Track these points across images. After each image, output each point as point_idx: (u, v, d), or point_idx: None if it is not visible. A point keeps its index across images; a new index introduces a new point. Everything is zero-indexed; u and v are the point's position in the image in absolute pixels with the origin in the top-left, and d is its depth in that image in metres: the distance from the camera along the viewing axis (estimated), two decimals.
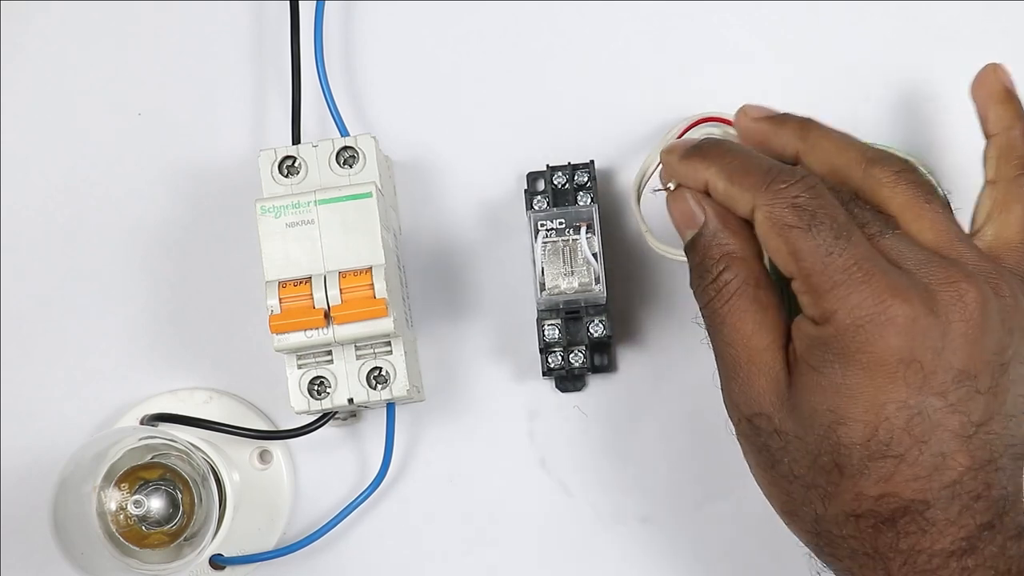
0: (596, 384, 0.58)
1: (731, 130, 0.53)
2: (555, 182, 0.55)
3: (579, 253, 0.52)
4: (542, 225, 0.53)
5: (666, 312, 0.58)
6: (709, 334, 0.47)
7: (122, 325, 0.59)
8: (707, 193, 0.47)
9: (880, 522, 0.43)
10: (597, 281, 0.52)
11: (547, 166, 0.56)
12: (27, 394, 0.59)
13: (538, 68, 0.59)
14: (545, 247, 0.52)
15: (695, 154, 0.48)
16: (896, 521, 0.42)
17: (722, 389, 0.47)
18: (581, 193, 0.55)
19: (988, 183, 0.49)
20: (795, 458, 0.44)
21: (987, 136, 0.50)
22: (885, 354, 0.42)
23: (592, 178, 0.55)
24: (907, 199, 0.46)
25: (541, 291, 0.53)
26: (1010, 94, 0.50)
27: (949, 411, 0.42)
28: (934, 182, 0.48)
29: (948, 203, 0.48)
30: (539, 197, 0.55)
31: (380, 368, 0.52)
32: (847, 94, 0.59)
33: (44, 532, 0.51)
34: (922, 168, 0.49)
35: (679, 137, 0.57)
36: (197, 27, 0.60)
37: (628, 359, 0.58)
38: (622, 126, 0.59)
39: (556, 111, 0.59)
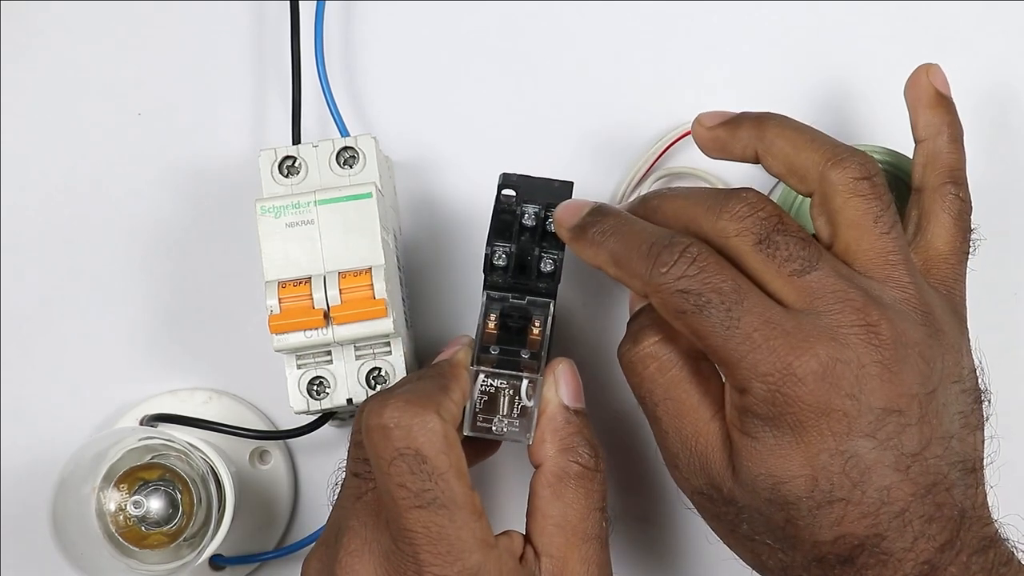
0: (596, 385, 0.58)
1: None
2: (524, 221, 0.49)
3: (518, 401, 0.48)
4: (481, 373, 0.48)
5: None
6: (645, 410, 0.48)
7: (122, 325, 0.59)
8: None
9: (841, 562, 0.43)
10: (528, 434, 0.48)
11: (516, 197, 0.50)
12: (27, 394, 0.59)
13: (538, 68, 0.59)
14: (483, 392, 0.48)
15: (581, 237, 0.47)
16: (855, 559, 0.43)
17: (667, 466, 0.48)
18: (547, 256, 0.49)
19: (914, 191, 0.49)
20: (750, 521, 0.45)
21: (916, 142, 0.50)
22: (804, 412, 0.43)
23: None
24: (854, 216, 0.45)
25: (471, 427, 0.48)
26: (941, 98, 0.50)
27: (881, 448, 0.43)
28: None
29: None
30: (499, 251, 0.49)
31: (379, 368, 0.52)
32: (845, 96, 0.59)
33: (44, 532, 0.51)
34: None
35: (669, 147, 0.58)
36: (197, 27, 0.60)
37: None
38: (622, 125, 0.59)
39: (556, 111, 0.59)
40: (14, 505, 0.58)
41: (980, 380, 0.46)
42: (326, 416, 0.55)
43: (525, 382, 0.47)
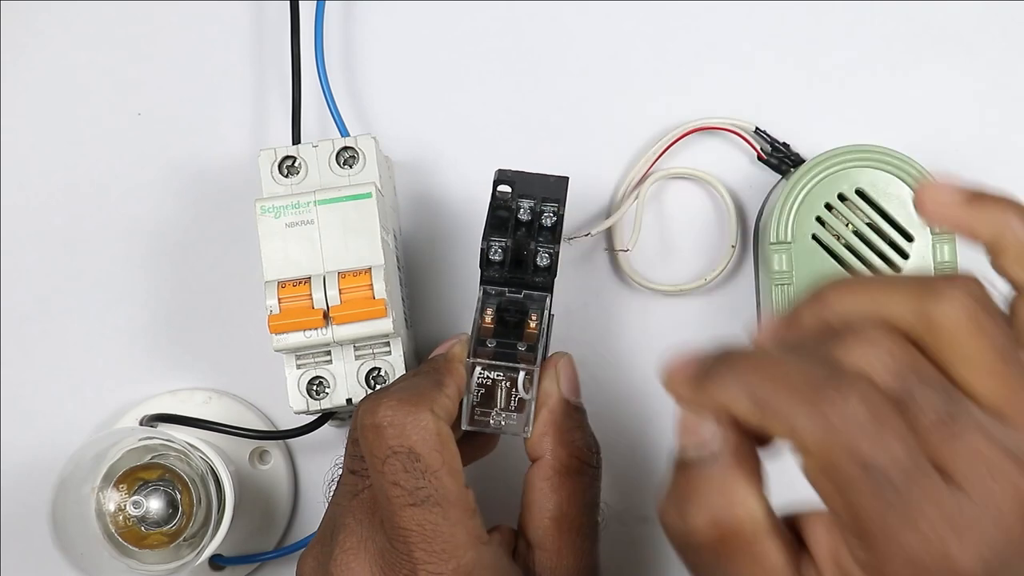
0: (596, 385, 0.58)
1: (731, 137, 0.53)
2: (520, 216, 0.49)
3: (515, 394, 0.48)
4: (478, 365, 0.47)
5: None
6: None
7: (122, 325, 0.59)
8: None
9: None
10: (526, 427, 0.47)
11: (512, 192, 0.49)
12: (27, 394, 0.59)
13: (538, 68, 0.59)
14: (479, 385, 0.47)
15: (704, 382, 0.37)
16: None
17: None
18: (543, 251, 0.48)
19: (1017, 292, 0.39)
20: None
21: (987, 243, 0.39)
22: None
23: (559, 219, 0.49)
24: (986, 361, 0.36)
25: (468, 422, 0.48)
26: (973, 196, 0.39)
27: None
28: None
29: (944, 240, 0.44)
30: (495, 245, 0.48)
31: (379, 368, 0.52)
32: (845, 96, 0.59)
33: (43, 532, 0.51)
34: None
35: (668, 148, 0.57)
36: (197, 27, 0.60)
37: (630, 357, 0.58)
38: (622, 126, 0.59)
39: (556, 111, 0.59)
40: (14, 505, 0.58)
41: None
42: (326, 416, 0.55)
43: (522, 374, 0.47)
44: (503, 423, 0.47)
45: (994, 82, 0.59)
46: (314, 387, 0.52)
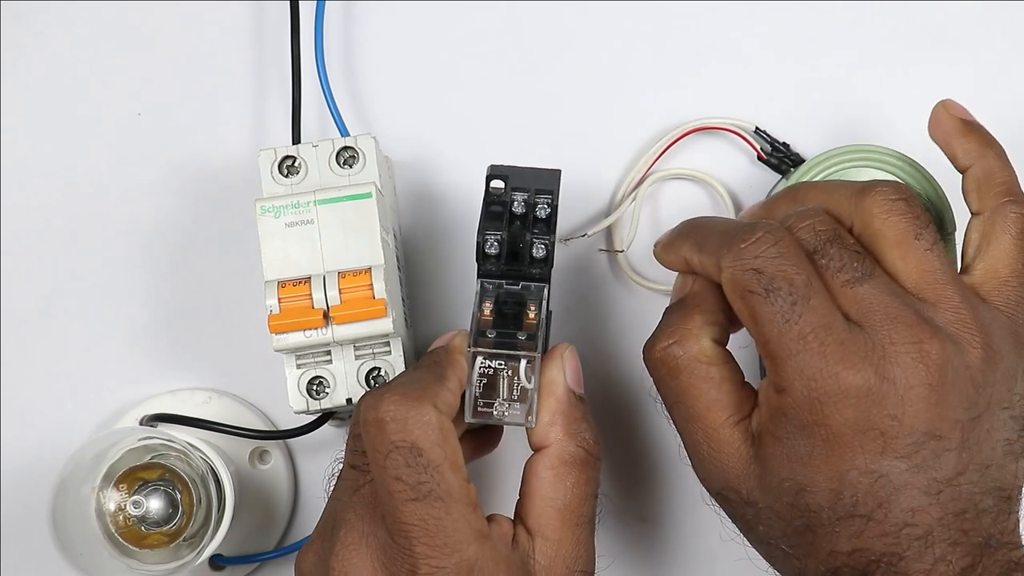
0: (596, 384, 0.58)
1: (731, 137, 0.53)
2: (515, 209, 0.49)
3: (517, 383, 0.47)
4: (479, 355, 0.47)
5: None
6: (667, 410, 0.48)
7: (122, 325, 0.59)
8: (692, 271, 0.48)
9: (856, 574, 0.43)
10: (530, 417, 0.47)
11: (505, 187, 0.49)
12: (27, 394, 0.59)
13: (538, 68, 0.59)
14: (481, 375, 0.47)
15: (671, 238, 0.49)
16: (870, 574, 0.43)
17: (691, 463, 0.48)
18: (538, 242, 0.48)
19: (974, 215, 0.48)
20: (768, 524, 0.45)
21: (961, 171, 0.49)
22: (842, 426, 0.43)
23: (553, 210, 0.49)
24: (897, 234, 0.45)
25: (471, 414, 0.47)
26: (970, 125, 0.49)
27: (914, 471, 0.42)
28: (933, 210, 0.47)
29: (946, 235, 0.49)
30: (491, 238, 0.48)
31: (379, 368, 0.52)
32: (845, 96, 0.59)
33: (44, 532, 0.51)
34: (924, 194, 0.48)
35: (668, 148, 0.58)
36: (197, 27, 0.60)
37: (628, 356, 0.58)
38: (622, 126, 0.59)
39: (556, 111, 0.59)
40: (14, 505, 0.58)
41: None
42: (326, 416, 0.55)
43: (523, 362, 0.46)
44: (506, 414, 0.47)
45: (994, 82, 0.59)
46: (314, 387, 0.52)
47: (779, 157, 0.57)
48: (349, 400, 0.52)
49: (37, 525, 0.52)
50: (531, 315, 0.48)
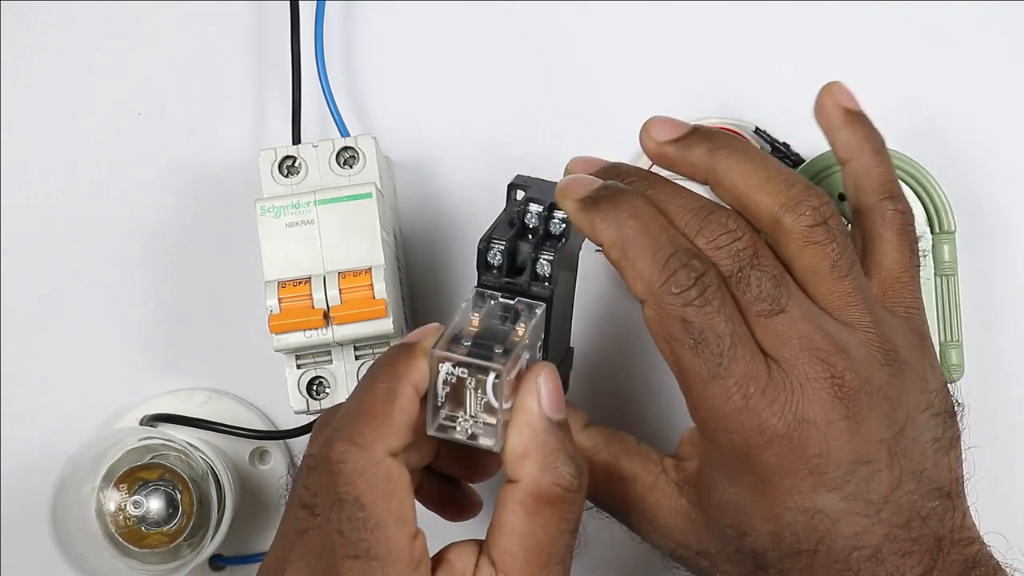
0: (595, 384, 0.58)
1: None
2: (527, 221, 0.46)
3: (483, 399, 0.42)
4: (443, 361, 0.42)
5: None
6: (602, 509, 0.48)
7: (122, 325, 0.59)
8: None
9: None
10: (497, 440, 0.42)
11: (523, 196, 0.47)
12: (27, 394, 0.59)
13: (538, 68, 0.59)
14: (445, 385, 0.42)
15: (591, 209, 0.44)
16: None
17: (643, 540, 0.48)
18: (544, 258, 0.45)
19: (853, 213, 0.48)
20: (723, 570, 0.45)
21: (840, 164, 0.48)
22: (769, 472, 0.42)
23: (567, 227, 0.46)
24: (810, 263, 0.44)
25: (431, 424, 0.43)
26: (851, 114, 0.48)
27: (850, 499, 0.42)
28: (932, 209, 0.46)
29: (945, 235, 0.49)
30: (495, 247, 0.45)
31: None
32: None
33: (44, 532, 0.51)
34: (923, 194, 0.47)
35: None
36: (197, 27, 0.60)
37: (626, 357, 0.58)
38: (622, 126, 0.59)
39: (556, 111, 0.59)
40: (14, 505, 0.58)
41: (951, 396, 0.46)
42: None
43: (492, 375, 0.41)
44: (471, 431, 0.42)
45: (994, 82, 0.59)
46: (314, 387, 0.52)
47: (779, 157, 0.57)
48: None
49: (37, 525, 0.52)
50: (519, 333, 0.43)
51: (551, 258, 0.45)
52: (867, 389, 0.43)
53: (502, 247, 0.45)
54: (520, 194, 0.47)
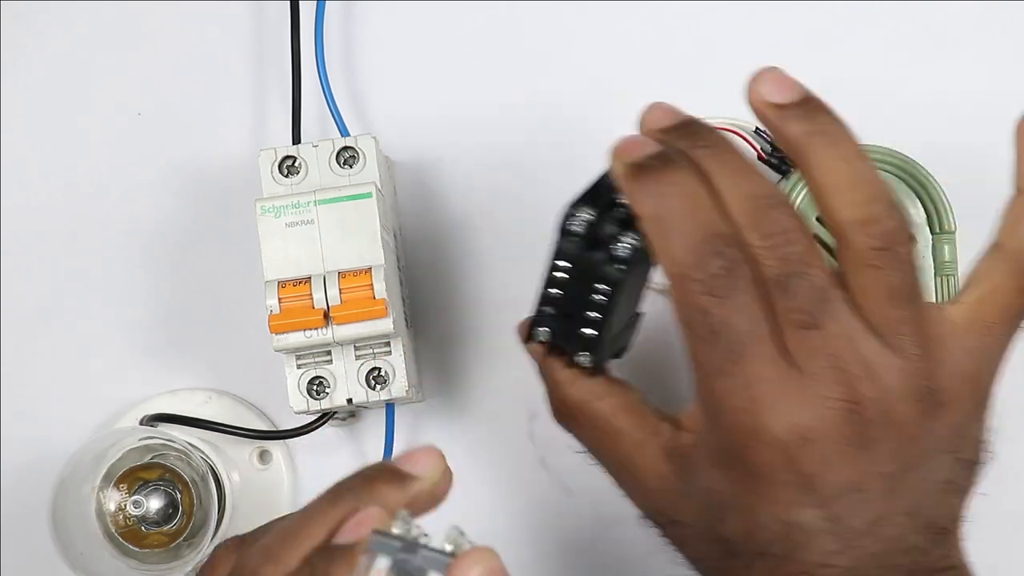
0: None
1: (731, 137, 0.53)
2: (617, 195, 0.44)
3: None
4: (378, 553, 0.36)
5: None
6: (589, 454, 0.47)
7: (122, 325, 0.59)
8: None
9: None
10: None
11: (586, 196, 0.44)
12: (27, 394, 0.59)
13: (538, 68, 0.59)
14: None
15: (638, 176, 0.42)
16: None
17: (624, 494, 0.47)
18: (627, 241, 0.43)
19: (995, 246, 0.45)
20: (692, 545, 0.45)
21: (1016, 191, 0.45)
22: (758, 475, 0.41)
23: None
24: (867, 284, 0.42)
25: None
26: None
27: (831, 520, 0.41)
28: (932, 211, 0.45)
29: (945, 235, 0.46)
30: (579, 216, 0.44)
31: (379, 368, 0.52)
32: (845, 96, 0.59)
33: (44, 532, 0.51)
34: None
35: None
36: (197, 27, 0.60)
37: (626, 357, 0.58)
38: (622, 126, 0.59)
39: (555, 111, 0.59)
40: (14, 505, 0.58)
41: (986, 450, 0.44)
42: (326, 416, 0.55)
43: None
44: None
45: (994, 82, 0.59)
46: (314, 387, 0.52)
47: (779, 157, 0.57)
48: (349, 400, 0.52)
49: (37, 525, 0.52)
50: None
51: (634, 242, 0.43)
52: (886, 420, 0.41)
53: (588, 217, 0.44)
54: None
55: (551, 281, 0.45)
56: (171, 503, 0.54)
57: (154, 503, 0.54)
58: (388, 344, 0.52)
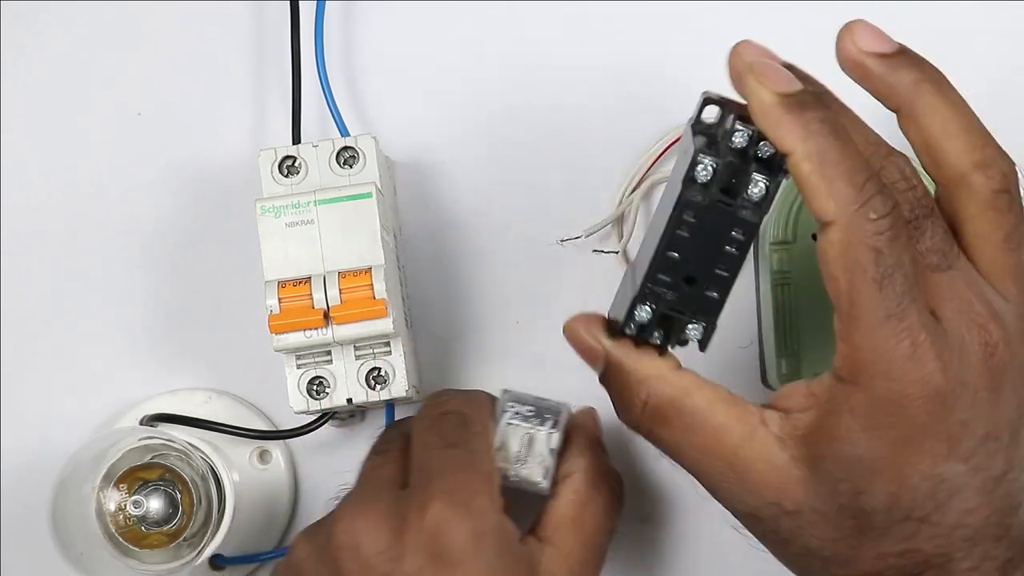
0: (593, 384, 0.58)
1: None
2: (734, 140, 0.42)
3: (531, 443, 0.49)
4: (510, 407, 0.49)
5: None
6: (674, 459, 0.45)
7: (122, 325, 0.59)
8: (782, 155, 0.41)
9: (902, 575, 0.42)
10: (545, 477, 0.48)
11: (722, 116, 0.43)
12: (27, 394, 0.59)
13: (538, 68, 0.59)
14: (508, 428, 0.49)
15: (794, 110, 0.41)
16: (919, 575, 0.42)
17: (712, 496, 0.45)
18: (756, 179, 0.42)
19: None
20: (811, 532, 0.42)
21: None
22: (914, 430, 0.40)
23: (775, 154, 0.42)
24: (986, 229, 0.42)
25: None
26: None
27: (972, 473, 0.41)
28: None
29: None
30: (706, 162, 0.42)
31: (379, 368, 0.52)
32: (844, 96, 0.59)
33: (44, 532, 0.51)
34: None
35: (668, 148, 0.57)
36: (197, 27, 0.60)
37: None
38: (622, 128, 0.59)
39: (555, 112, 0.59)
40: (14, 505, 0.58)
41: None
42: (326, 416, 0.55)
43: (546, 432, 0.48)
44: (520, 474, 0.48)
45: (994, 82, 0.59)
46: (314, 387, 0.52)
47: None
48: (349, 400, 0.52)
49: (37, 525, 0.52)
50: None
51: (767, 181, 0.42)
52: (1013, 364, 0.41)
53: (714, 163, 0.42)
54: (713, 110, 0.43)
55: (672, 242, 0.42)
56: (171, 503, 0.54)
57: (154, 503, 0.54)
58: (388, 344, 0.52)
